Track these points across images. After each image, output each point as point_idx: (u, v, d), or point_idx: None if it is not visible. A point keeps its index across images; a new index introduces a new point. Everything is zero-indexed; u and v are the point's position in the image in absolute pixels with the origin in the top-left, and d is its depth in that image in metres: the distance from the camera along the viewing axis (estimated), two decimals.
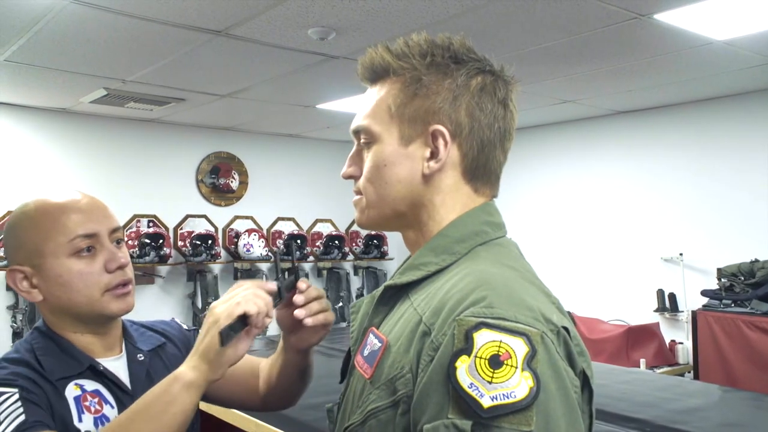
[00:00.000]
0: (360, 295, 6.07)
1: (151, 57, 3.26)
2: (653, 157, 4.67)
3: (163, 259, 5.03)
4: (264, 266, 5.69)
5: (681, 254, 4.43)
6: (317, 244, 5.83)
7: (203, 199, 5.56)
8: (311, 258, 5.84)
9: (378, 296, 0.81)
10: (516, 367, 0.60)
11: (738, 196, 4.20)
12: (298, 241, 5.58)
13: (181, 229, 5.34)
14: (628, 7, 2.52)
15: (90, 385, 0.96)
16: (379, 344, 0.74)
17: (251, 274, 5.56)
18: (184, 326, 1.20)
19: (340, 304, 5.93)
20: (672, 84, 3.89)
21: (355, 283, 6.18)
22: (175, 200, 5.36)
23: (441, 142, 0.77)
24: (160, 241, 4.98)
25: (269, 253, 5.57)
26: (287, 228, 5.83)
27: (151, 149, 5.28)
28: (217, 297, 5.40)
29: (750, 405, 2.33)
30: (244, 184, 5.74)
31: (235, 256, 5.50)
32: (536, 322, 0.65)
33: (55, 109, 4.66)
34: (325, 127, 5.37)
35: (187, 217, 5.40)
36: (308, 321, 0.96)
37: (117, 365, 1.02)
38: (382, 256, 6.09)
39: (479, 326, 0.63)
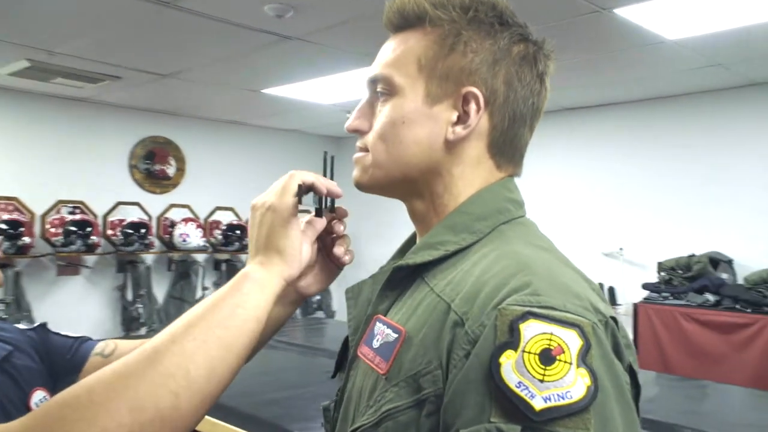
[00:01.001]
0: None
1: (84, 26, 2.99)
2: (595, 154, 4.79)
3: (90, 249, 4.73)
4: (201, 257, 5.46)
5: (621, 249, 4.57)
6: None
7: (136, 185, 5.26)
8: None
9: (385, 279, 0.73)
10: (570, 363, 0.54)
11: (677, 192, 4.36)
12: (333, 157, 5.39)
13: (111, 216, 5.04)
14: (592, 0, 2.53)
15: None
16: (395, 335, 0.66)
17: (187, 265, 5.34)
18: (21, 326, 1.02)
19: None
20: (622, 82, 3.98)
21: None
22: (104, 186, 5.05)
23: (473, 106, 0.70)
24: (88, 228, 4.68)
25: (207, 244, 5.36)
26: (226, 218, 5.62)
27: (79, 131, 4.94)
28: (149, 289, 5.16)
29: (697, 390, 2.42)
30: (181, 171, 5.47)
31: (170, 246, 5.25)
32: (586, 311, 0.58)
33: None
34: (271, 114, 5.19)
35: (117, 204, 5.10)
36: (347, 258, 0.85)
37: None
38: None
39: (526, 316, 0.56)
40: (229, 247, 5.47)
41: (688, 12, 2.71)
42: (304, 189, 0.75)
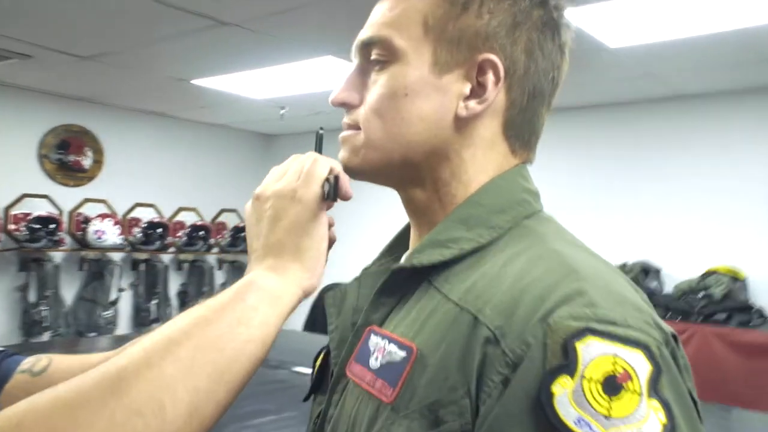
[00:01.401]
0: None
1: None
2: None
3: None
4: (117, 256, 5.09)
5: None
6: (179, 234, 5.36)
7: (47, 177, 4.83)
8: (172, 249, 5.35)
9: (381, 283, 0.62)
10: (640, 394, 0.45)
11: (608, 200, 4.46)
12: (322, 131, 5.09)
13: (15, 210, 4.59)
14: None
15: None
16: (403, 353, 0.55)
17: (101, 264, 4.96)
18: None
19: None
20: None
21: (219, 278, 5.77)
22: (8, 177, 4.59)
23: (490, 77, 0.60)
24: None
25: (125, 242, 5.00)
26: (147, 215, 5.27)
27: None
28: (57, 290, 4.75)
29: None
30: (98, 163, 5.08)
31: (82, 243, 4.86)
32: (650, 327, 0.49)
33: None
34: (199, 106, 4.91)
35: (23, 196, 4.65)
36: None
37: None
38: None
39: (583, 333, 0.46)
40: (149, 245, 5.15)
41: (629, 21, 2.74)
42: (333, 178, 0.61)
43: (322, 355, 0.71)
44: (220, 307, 0.54)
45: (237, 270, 5.79)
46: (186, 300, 5.45)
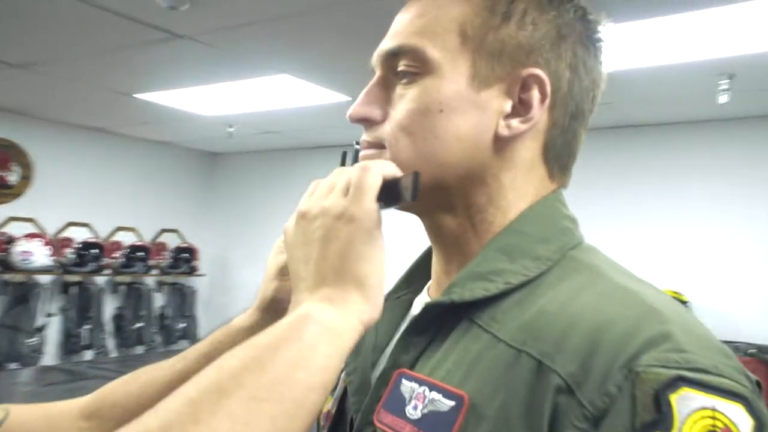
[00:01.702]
0: (164, 315, 5.40)
1: None
2: None
3: None
4: (45, 278, 4.73)
5: None
6: (116, 255, 5.07)
7: None
8: (108, 271, 5.04)
9: (412, 320, 0.57)
10: None
11: None
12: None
13: None
14: None
15: None
16: (451, 402, 0.49)
17: (26, 288, 4.60)
18: None
19: (140, 324, 5.20)
20: None
21: (158, 301, 5.48)
22: None
23: (535, 94, 0.56)
24: None
25: (55, 264, 4.66)
26: (80, 235, 4.95)
27: None
28: None
29: None
30: (26, 179, 4.73)
31: (5, 265, 4.48)
32: (740, 375, 0.45)
33: None
34: (141, 122, 4.66)
35: None
36: None
37: None
38: (192, 271, 5.53)
39: (676, 384, 0.42)
40: (83, 267, 4.82)
41: None
42: (389, 188, 0.51)
43: (328, 399, 0.65)
44: (273, 347, 0.44)
45: (178, 292, 5.53)
46: (122, 324, 5.14)
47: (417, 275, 0.67)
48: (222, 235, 5.87)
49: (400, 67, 0.57)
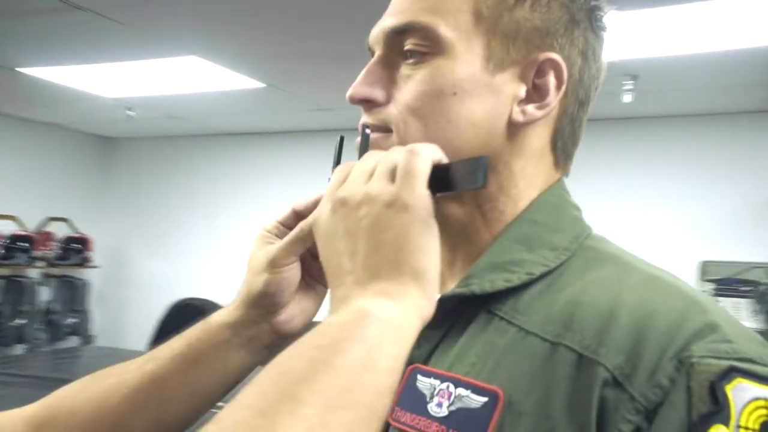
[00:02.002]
0: (50, 311, 4.99)
1: None
2: None
3: None
4: None
5: None
6: None
7: None
8: None
9: None
10: None
11: None
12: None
13: None
14: None
15: None
16: (483, 399, 0.47)
17: None
18: None
19: (23, 321, 4.77)
20: None
21: (44, 295, 5.05)
22: None
23: (551, 79, 0.54)
24: None
25: None
26: None
27: None
28: None
29: None
30: None
31: None
32: None
33: None
34: (26, 101, 4.24)
35: None
36: None
37: None
38: (84, 263, 5.15)
39: (731, 375, 0.42)
40: (10, 260, 4.45)
41: None
42: (439, 174, 0.48)
43: None
44: (338, 349, 0.41)
45: (67, 286, 5.12)
46: (0, 322, 4.69)
47: None
48: (118, 224, 5.51)
49: (408, 46, 0.54)
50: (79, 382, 0.64)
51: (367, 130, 0.56)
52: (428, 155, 0.48)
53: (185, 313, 4.63)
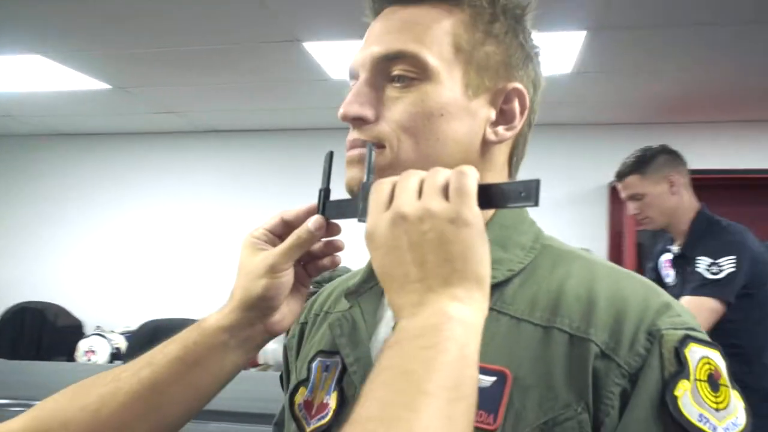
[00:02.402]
0: None
1: None
2: (239, 178, 4.84)
3: None
4: None
5: None
6: None
7: None
8: None
9: None
10: (728, 387, 0.53)
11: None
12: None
13: None
14: (291, 29, 2.68)
15: None
16: (491, 378, 0.55)
17: None
18: None
19: None
20: (280, 110, 4.21)
21: None
22: None
23: (516, 105, 0.63)
24: None
25: None
26: None
27: None
28: None
29: None
30: None
31: None
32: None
33: None
34: None
35: None
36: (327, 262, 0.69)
37: None
38: None
39: (686, 340, 0.54)
40: None
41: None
42: (486, 193, 0.53)
43: (302, 390, 0.68)
44: (441, 348, 0.47)
45: None
46: None
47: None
48: None
49: (396, 71, 0.60)
50: (63, 393, 0.64)
51: (371, 147, 0.60)
52: (474, 176, 0.52)
53: (23, 316, 4.33)
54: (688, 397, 0.51)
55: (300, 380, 0.69)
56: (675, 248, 2.20)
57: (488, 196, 0.52)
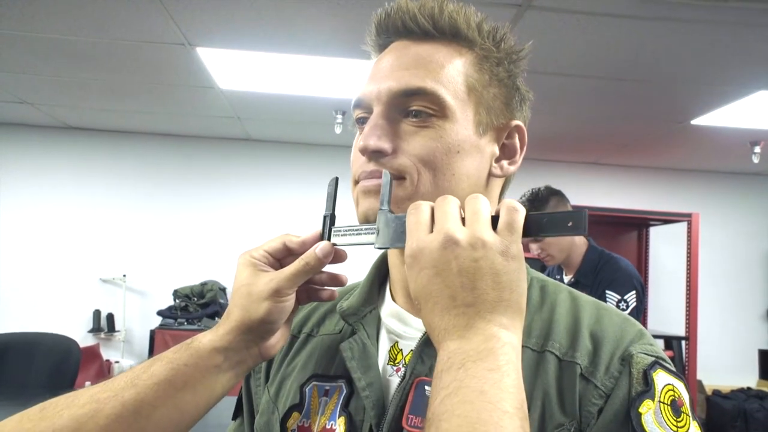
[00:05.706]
0: None
1: None
2: (101, 180, 4.56)
3: None
4: None
5: (124, 275, 4.45)
6: None
7: None
8: None
9: (425, 334, 0.62)
10: (689, 416, 0.56)
11: (187, 224, 4.57)
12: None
13: None
14: (186, 33, 2.51)
15: None
16: None
17: None
18: None
19: None
20: (157, 113, 3.97)
21: None
22: None
23: (517, 141, 0.67)
24: None
25: None
26: None
27: None
28: None
29: None
30: None
31: None
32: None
33: None
34: None
35: None
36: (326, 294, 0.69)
37: None
38: None
39: (655, 366, 0.58)
40: None
41: (248, 70, 3.00)
42: (532, 222, 0.54)
43: (294, 415, 0.67)
44: (504, 371, 0.49)
45: None
46: None
47: (374, 291, 0.71)
48: None
49: (415, 107, 0.61)
50: (27, 415, 0.59)
51: (389, 176, 0.60)
52: (523, 212, 0.54)
53: None
54: (651, 416, 0.54)
55: (292, 405, 0.68)
56: (566, 278, 2.38)
57: (539, 225, 0.54)
